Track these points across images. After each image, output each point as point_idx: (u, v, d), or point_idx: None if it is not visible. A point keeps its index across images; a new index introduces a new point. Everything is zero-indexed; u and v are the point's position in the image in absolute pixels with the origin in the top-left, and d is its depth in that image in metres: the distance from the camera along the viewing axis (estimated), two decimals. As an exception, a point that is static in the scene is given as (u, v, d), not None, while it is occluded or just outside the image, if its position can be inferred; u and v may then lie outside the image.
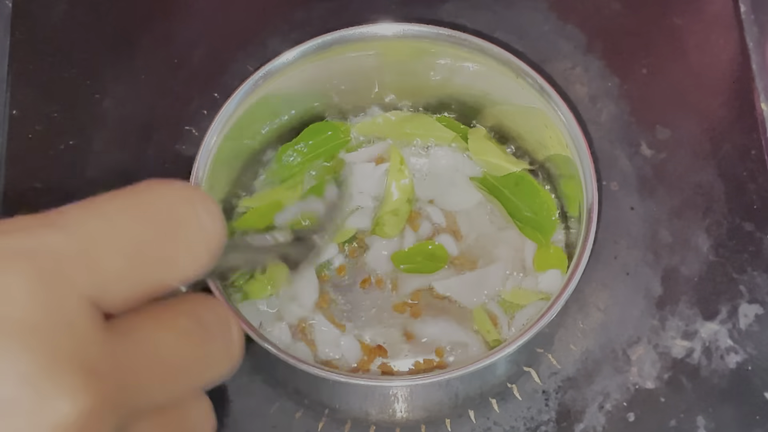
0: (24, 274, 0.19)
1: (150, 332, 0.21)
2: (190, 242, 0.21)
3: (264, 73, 0.48)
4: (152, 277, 0.21)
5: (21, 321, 0.18)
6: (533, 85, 0.47)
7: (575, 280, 0.43)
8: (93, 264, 0.20)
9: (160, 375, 0.21)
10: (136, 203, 0.21)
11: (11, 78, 0.58)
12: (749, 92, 0.56)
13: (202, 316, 0.23)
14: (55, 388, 0.18)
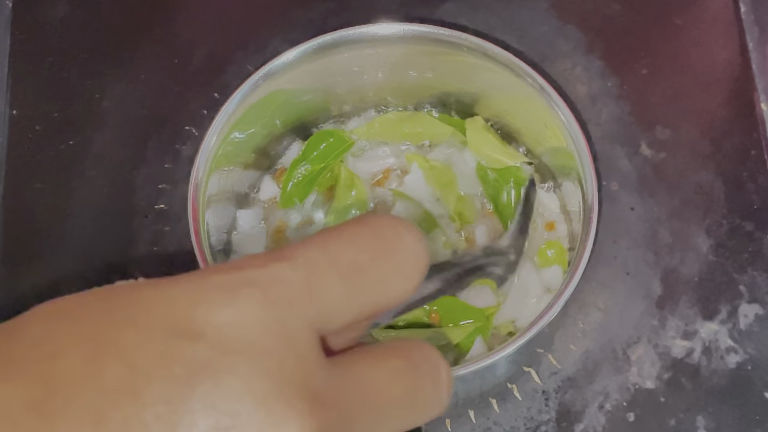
0: (256, 301, 0.20)
1: (366, 368, 0.22)
2: (400, 263, 0.23)
3: (264, 73, 0.48)
4: (368, 298, 0.23)
5: (254, 345, 0.20)
6: (533, 85, 0.47)
7: (575, 280, 0.43)
8: (316, 291, 0.21)
9: (373, 412, 0.22)
10: (351, 233, 0.23)
11: (11, 78, 0.58)
12: (749, 92, 0.56)
13: (414, 358, 0.24)
14: (286, 412, 0.19)
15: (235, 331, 0.20)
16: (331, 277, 0.22)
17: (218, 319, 0.20)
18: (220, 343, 0.20)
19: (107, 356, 0.19)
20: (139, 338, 0.20)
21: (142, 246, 0.53)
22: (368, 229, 0.23)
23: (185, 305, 0.20)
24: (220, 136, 0.47)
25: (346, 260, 0.22)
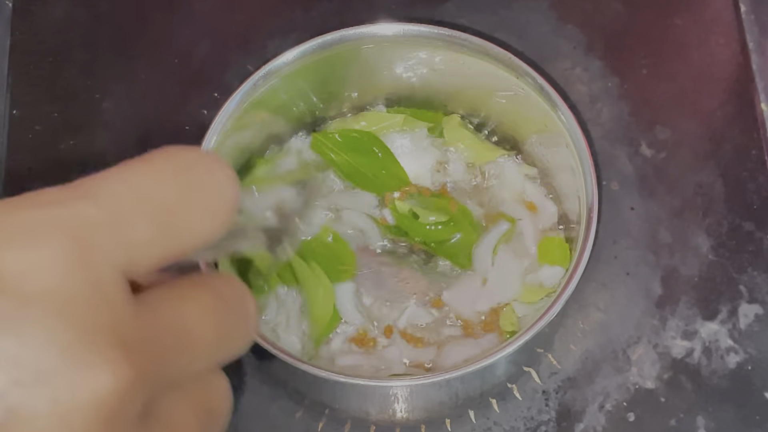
0: (60, 246, 0.19)
1: (176, 306, 0.21)
2: (210, 205, 0.22)
3: (264, 73, 0.48)
4: (176, 241, 0.21)
5: (58, 292, 0.18)
6: (533, 85, 0.47)
7: (575, 280, 0.43)
8: (123, 232, 0.20)
9: (186, 348, 0.21)
10: (157, 169, 0.21)
11: (11, 78, 0.58)
12: (749, 92, 0.56)
13: (223, 292, 0.23)
14: (95, 360, 0.18)
15: (36, 278, 0.18)
16: (138, 217, 0.20)
17: (17, 264, 0.18)
18: (19, 292, 0.18)
19: None
20: None
21: None
22: (176, 164, 0.22)
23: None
24: (220, 136, 0.47)
25: (153, 199, 0.21)
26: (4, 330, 0.18)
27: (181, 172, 0.22)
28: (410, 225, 0.50)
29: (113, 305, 0.19)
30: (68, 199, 0.20)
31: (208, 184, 0.22)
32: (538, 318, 0.42)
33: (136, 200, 0.20)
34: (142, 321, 0.20)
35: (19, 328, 0.18)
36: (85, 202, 0.20)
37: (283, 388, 0.48)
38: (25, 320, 0.18)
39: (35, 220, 0.19)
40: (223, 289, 0.23)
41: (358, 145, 0.52)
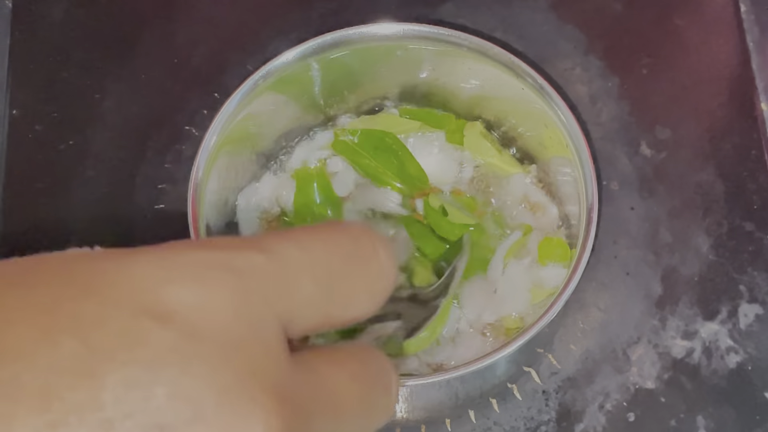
0: (230, 287, 0.19)
1: (328, 369, 0.22)
2: (371, 280, 0.23)
3: (264, 73, 0.48)
4: (335, 309, 0.22)
5: (225, 334, 0.19)
6: (533, 85, 0.47)
7: (575, 280, 0.43)
8: (288, 287, 0.20)
9: (332, 415, 0.21)
10: (327, 237, 0.22)
11: (11, 78, 0.58)
12: (749, 92, 0.57)
13: (369, 362, 0.23)
14: (251, 407, 0.18)
15: (205, 316, 0.19)
16: (304, 277, 0.21)
17: (189, 300, 0.19)
18: (188, 328, 0.18)
19: (63, 331, 0.18)
20: (100, 313, 0.18)
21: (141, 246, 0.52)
22: (345, 237, 0.22)
23: (153, 281, 0.19)
24: (220, 136, 0.47)
25: (321, 263, 0.21)
26: (171, 362, 0.18)
27: (349, 243, 0.22)
28: (438, 221, 0.50)
29: (273, 355, 0.20)
30: (241, 247, 0.20)
31: (373, 261, 0.23)
32: (538, 318, 0.42)
33: (305, 261, 0.21)
34: (296, 376, 0.20)
35: (185, 363, 0.18)
36: (257, 252, 0.20)
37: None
38: (191, 355, 0.18)
39: (209, 260, 0.20)
40: (370, 360, 0.23)
41: (379, 143, 0.52)
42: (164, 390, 0.18)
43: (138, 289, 0.19)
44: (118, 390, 0.17)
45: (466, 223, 0.49)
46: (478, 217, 0.50)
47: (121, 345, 0.18)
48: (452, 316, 0.48)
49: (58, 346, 0.17)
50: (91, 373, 0.17)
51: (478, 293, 0.49)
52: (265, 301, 0.20)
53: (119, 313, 0.18)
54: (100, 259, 0.20)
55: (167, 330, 0.18)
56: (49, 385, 0.17)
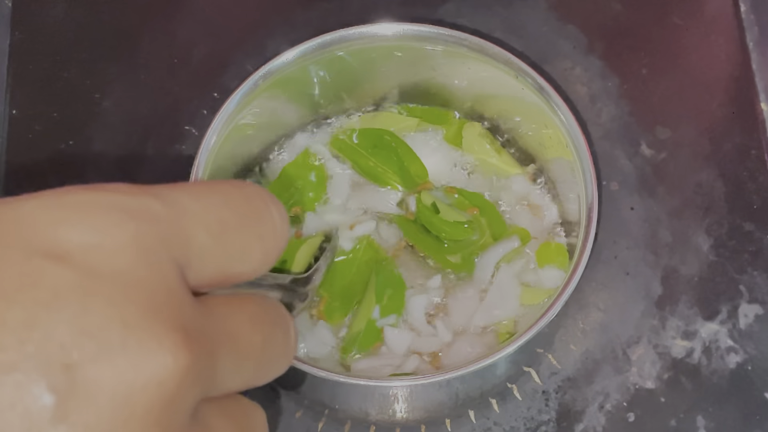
0: (129, 231, 0.19)
1: (230, 311, 0.22)
2: (264, 236, 0.23)
3: (264, 73, 0.48)
4: (229, 261, 0.22)
5: (125, 273, 0.19)
6: (533, 85, 0.47)
7: (575, 280, 0.42)
8: (183, 234, 0.21)
9: (234, 355, 0.21)
10: (220, 190, 0.22)
11: (11, 78, 0.58)
12: (749, 92, 0.57)
13: (267, 307, 0.24)
14: (158, 341, 0.18)
15: (103, 256, 0.19)
16: (198, 226, 0.21)
17: (85, 240, 0.19)
18: (86, 267, 0.18)
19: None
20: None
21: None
22: (239, 193, 0.23)
23: (47, 223, 0.19)
24: (220, 136, 0.47)
25: (214, 215, 0.21)
26: (71, 300, 0.18)
27: (243, 200, 0.23)
28: (429, 218, 0.50)
29: (176, 295, 0.20)
30: (136, 192, 0.20)
31: (266, 218, 0.23)
32: (538, 318, 0.42)
33: (199, 211, 0.21)
34: (200, 316, 0.20)
35: (85, 301, 0.18)
36: (153, 198, 0.20)
37: (283, 388, 0.48)
38: (91, 293, 0.18)
39: (104, 202, 0.20)
40: (267, 305, 0.24)
41: (378, 141, 0.52)
42: (66, 328, 0.17)
43: (31, 230, 0.19)
44: (19, 331, 0.17)
45: (457, 220, 0.49)
46: (471, 214, 0.50)
47: (18, 286, 0.18)
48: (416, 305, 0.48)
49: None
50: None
51: (466, 299, 0.48)
52: (162, 244, 0.20)
53: (12, 255, 0.18)
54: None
55: (64, 269, 0.18)
56: None
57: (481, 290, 0.48)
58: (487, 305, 0.48)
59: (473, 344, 0.47)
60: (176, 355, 0.19)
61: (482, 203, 0.51)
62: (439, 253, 0.49)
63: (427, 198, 0.50)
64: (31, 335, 0.17)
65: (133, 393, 0.18)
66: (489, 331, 0.48)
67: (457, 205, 0.50)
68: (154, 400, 0.18)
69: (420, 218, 0.50)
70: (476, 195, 0.51)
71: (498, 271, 0.49)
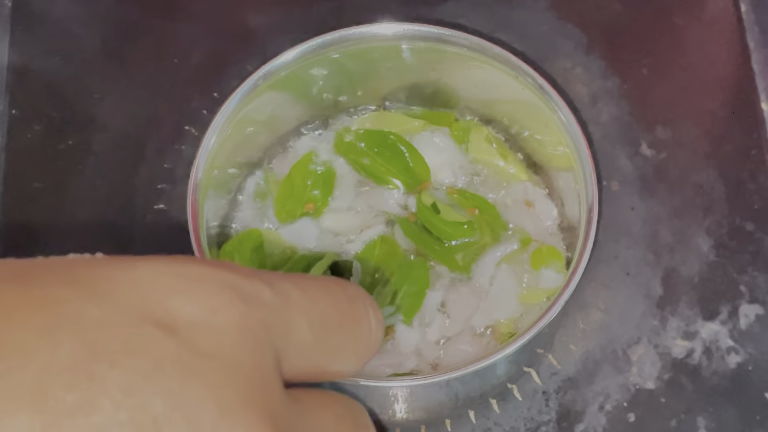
0: (236, 312, 0.19)
1: (317, 408, 0.22)
2: (359, 339, 0.23)
3: (264, 73, 0.48)
4: (323, 359, 0.22)
5: (227, 357, 0.19)
6: (533, 85, 0.47)
7: (575, 280, 0.42)
8: (287, 325, 0.21)
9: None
10: (327, 288, 0.22)
11: (11, 78, 0.58)
12: (750, 92, 0.56)
13: (352, 409, 0.24)
14: (248, 428, 0.18)
15: (210, 333, 0.19)
16: (302, 319, 0.21)
17: (195, 315, 0.19)
18: (193, 342, 0.18)
19: (64, 330, 0.17)
20: (102, 316, 0.18)
21: (141, 246, 0.52)
22: (343, 292, 0.23)
23: (160, 290, 0.19)
24: (220, 136, 0.47)
25: (318, 311, 0.22)
26: (173, 374, 0.18)
27: (345, 300, 0.23)
28: (430, 218, 0.50)
29: (271, 384, 0.20)
30: (249, 275, 0.20)
31: (364, 322, 0.23)
32: (538, 318, 0.42)
33: (305, 305, 0.21)
34: (289, 409, 0.20)
35: (184, 376, 0.18)
36: (263, 284, 0.20)
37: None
38: (193, 370, 0.18)
39: (219, 279, 0.20)
40: (352, 406, 0.24)
41: (383, 141, 0.52)
42: (163, 401, 0.17)
43: (143, 296, 0.18)
44: (116, 396, 0.17)
45: (458, 221, 0.49)
46: (471, 215, 0.50)
47: (123, 350, 0.17)
48: (438, 321, 0.48)
49: (58, 344, 0.17)
50: (89, 376, 0.17)
51: (465, 298, 0.48)
52: (266, 331, 0.20)
53: (123, 318, 0.18)
54: (105, 264, 0.19)
55: (171, 341, 0.18)
56: (45, 384, 0.16)
57: (480, 291, 0.48)
58: (486, 306, 0.48)
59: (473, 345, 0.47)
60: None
61: (482, 204, 0.51)
62: (439, 254, 0.49)
63: (427, 198, 0.50)
64: (126, 402, 0.17)
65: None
66: (488, 331, 0.48)
67: (457, 205, 0.50)
68: None
69: (420, 218, 0.50)
70: (476, 196, 0.51)
71: (497, 271, 0.49)
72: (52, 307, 0.18)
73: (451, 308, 0.48)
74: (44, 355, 0.17)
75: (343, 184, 0.52)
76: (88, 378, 0.17)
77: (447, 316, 0.48)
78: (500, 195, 0.52)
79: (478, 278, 0.49)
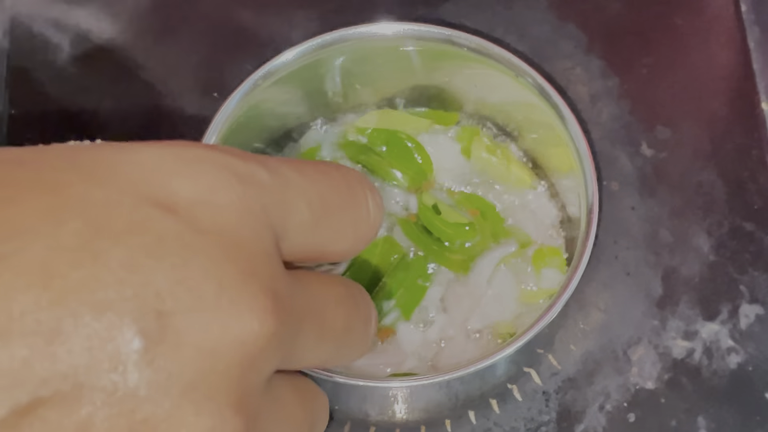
0: (235, 191, 0.20)
1: (318, 286, 0.22)
2: (358, 221, 0.23)
3: (264, 73, 0.48)
4: (322, 240, 0.22)
5: (228, 233, 0.19)
6: (533, 85, 0.47)
7: (575, 280, 0.42)
8: (286, 205, 0.21)
9: (317, 331, 0.22)
10: (325, 170, 0.23)
11: (11, 78, 0.58)
12: (750, 92, 0.56)
13: (355, 292, 0.24)
14: (248, 303, 0.19)
15: (209, 212, 0.19)
16: (301, 200, 0.22)
17: (194, 194, 0.19)
18: (193, 220, 0.19)
19: (69, 210, 0.18)
20: (106, 198, 0.18)
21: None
22: (342, 175, 0.23)
23: (162, 173, 0.19)
24: (219, 136, 0.47)
25: (316, 192, 0.22)
26: (174, 251, 0.18)
27: (344, 182, 0.23)
28: (431, 219, 0.49)
29: (272, 261, 0.20)
30: (247, 158, 0.21)
31: (363, 205, 0.24)
32: (538, 318, 0.42)
33: (304, 186, 0.22)
34: (290, 286, 0.21)
35: (187, 253, 0.18)
36: (261, 166, 0.21)
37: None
38: (193, 246, 0.18)
39: (216, 161, 0.20)
40: (355, 290, 0.24)
41: (391, 138, 0.52)
42: (165, 277, 0.18)
43: (143, 177, 0.19)
44: (119, 272, 0.17)
45: (459, 222, 0.49)
46: (473, 216, 0.50)
47: (126, 229, 0.18)
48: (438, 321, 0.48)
49: (63, 224, 0.17)
50: (94, 253, 0.17)
51: (462, 298, 0.48)
52: (264, 210, 0.20)
53: (124, 199, 0.18)
54: (106, 149, 0.20)
55: (172, 220, 0.19)
56: (51, 261, 0.17)
57: (478, 292, 0.48)
58: (484, 307, 0.48)
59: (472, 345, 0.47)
60: (264, 319, 0.19)
61: (484, 206, 0.51)
62: (439, 255, 0.49)
63: (428, 199, 0.50)
64: (130, 278, 0.17)
65: (218, 350, 0.18)
66: (488, 331, 0.48)
67: (458, 206, 0.50)
68: (237, 360, 0.18)
69: (421, 219, 0.50)
70: (478, 198, 0.51)
71: (496, 272, 0.49)
72: (57, 190, 0.18)
73: (450, 308, 0.48)
74: (50, 235, 0.17)
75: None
76: (92, 256, 0.17)
77: (446, 315, 0.48)
78: (502, 197, 0.52)
79: (477, 279, 0.49)
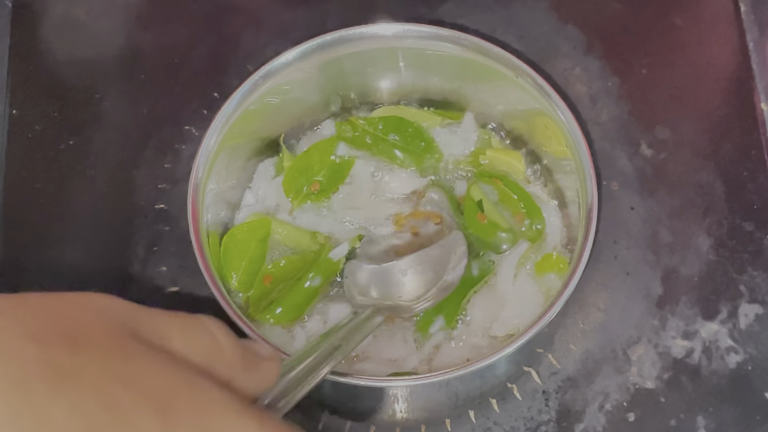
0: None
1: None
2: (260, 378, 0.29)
3: (264, 73, 0.48)
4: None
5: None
6: (533, 85, 0.47)
7: (575, 280, 0.42)
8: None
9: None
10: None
11: (11, 78, 0.58)
12: (749, 92, 0.57)
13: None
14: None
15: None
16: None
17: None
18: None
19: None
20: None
21: (141, 246, 0.52)
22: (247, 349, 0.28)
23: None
24: (220, 136, 0.47)
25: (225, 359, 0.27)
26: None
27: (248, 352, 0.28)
28: (472, 214, 0.50)
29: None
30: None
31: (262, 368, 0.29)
32: (538, 318, 0.42)
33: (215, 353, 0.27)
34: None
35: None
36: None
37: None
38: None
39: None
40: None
41: (400, 125, 0.53)
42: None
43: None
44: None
45: (496, 222, 0.49)
46: (520, 222, 0.50)
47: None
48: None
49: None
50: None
51: (488, 305, 0.48)
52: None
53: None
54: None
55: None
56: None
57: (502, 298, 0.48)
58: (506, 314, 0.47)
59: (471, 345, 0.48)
60: None
61: (520, 192, 0.51)
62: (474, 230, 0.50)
63: (476, 192, 0.50)
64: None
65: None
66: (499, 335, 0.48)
67: (501, 200, 0.50)
68: None
69: (465, 211, 0.50)
70: (515, 185, 0.51)
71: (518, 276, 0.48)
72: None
73: (473, 315, 0.48)
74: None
75: (360, 170, 0.52)
76: None
77: (468, 323, 0.48)
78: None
79: (500, 284, 0.48)
